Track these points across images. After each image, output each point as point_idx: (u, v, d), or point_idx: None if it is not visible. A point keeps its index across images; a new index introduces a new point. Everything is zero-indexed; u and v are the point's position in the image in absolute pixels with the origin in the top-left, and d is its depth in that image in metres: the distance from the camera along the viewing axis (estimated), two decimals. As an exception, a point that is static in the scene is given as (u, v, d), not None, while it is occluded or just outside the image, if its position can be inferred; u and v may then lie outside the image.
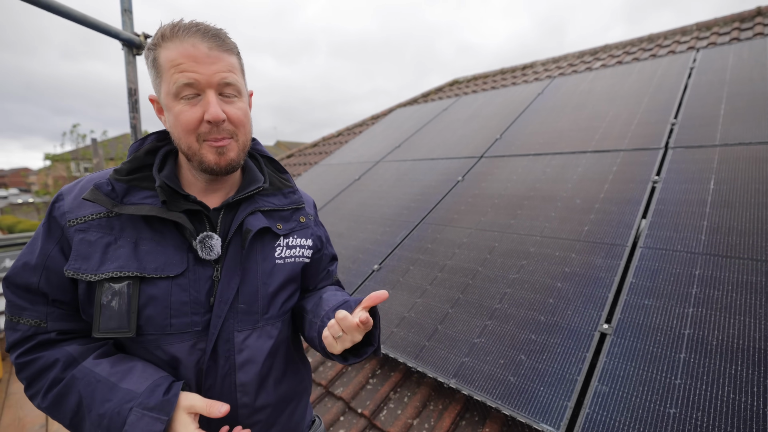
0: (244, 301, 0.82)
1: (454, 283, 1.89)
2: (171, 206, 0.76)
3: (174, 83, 0.71)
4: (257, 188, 0.86)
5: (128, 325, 0.72)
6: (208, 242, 0.77)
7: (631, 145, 2.33)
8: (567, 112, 3.09)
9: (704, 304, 1.32)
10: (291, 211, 0.94)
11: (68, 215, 0.74)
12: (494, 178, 2.64)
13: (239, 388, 0.82)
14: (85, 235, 0.73)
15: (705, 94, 2.50)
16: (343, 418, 1.65)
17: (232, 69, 0.76)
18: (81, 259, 0.72)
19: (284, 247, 0.90)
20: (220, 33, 0.75)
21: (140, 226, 0.76)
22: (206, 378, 0.79)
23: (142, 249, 0.74)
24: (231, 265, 0.80)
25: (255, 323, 0.84)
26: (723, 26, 3.66)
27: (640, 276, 1.51)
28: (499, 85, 4.97)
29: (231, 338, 0.80)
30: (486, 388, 1.37)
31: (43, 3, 1.48)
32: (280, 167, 0.99)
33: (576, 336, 1.40)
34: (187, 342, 0.77)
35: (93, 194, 0.73)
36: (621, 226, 1.78)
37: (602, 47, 4.49)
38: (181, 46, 0.70)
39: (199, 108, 0.73)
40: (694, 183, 1.84)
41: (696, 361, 1.18)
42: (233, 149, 0.78)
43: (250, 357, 0.83)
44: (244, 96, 0.81)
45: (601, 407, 1.17)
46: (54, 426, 2.63)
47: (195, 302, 0.77)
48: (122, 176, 0.77)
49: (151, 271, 0.74)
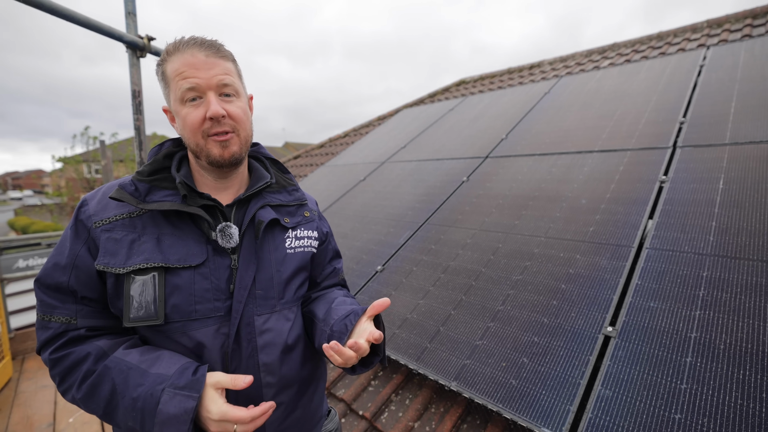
0: (261, 287, 0.88)
1: (457, 285, 1.88)
2: (189, 202, 0.84)
3: (179, 89, 0.80)
4: (266, 183, 0.95)
5: (156, 313, 0.78)
6: (228, 231, 0.84)
7: (638, 144, 2.29)
8: (574, 111, 3.06)
9: (712, 307, 1.29)
10: (296, 207, 1.02)
11: (94, 218, 0.80)
12: (499, 178, 2.61)
13: (262, 368, 0.87)
14: (111, 234, 0.79)
15: (715, 92, 2.44)
16: (344, 420, 1.64)
17: (228, 72, 0.84)
18: (109, 255, 0.78)
19: (293, 239, 0.98)
20: (215, 43, 0.84)
21: (161, 223, 0.82)
22: (231, 360, 0.84)
23: (165, 243, 0.81)
24: (247, 255, 0.87)
25: (273, 307, 0.90)
26: (735, 23, 3.59)
27: (646, 278, 1.47)
28: (506, 84, 4.93)
29: (252, 321, 0.86)
30: (487, 392, 1.35)
31: (47, 6, 1.50)
32: (283, 168, 1.08)
33: (579, 339, 1.37)
34: (211, 327, 0.82)
35: (119, 193, 0.80)
36: (627, 226, 1.75)
37: (611, 45, 4.43)
38: (182, 57, 0.80)
39: (202, 108, 0.81)
40: (703, 183, 1.80)
41: (703, 366, 1.15)
42: (235, 143, 0.85)
43: (271, 339, 0.88)
44: (243, 97, 0.89)
45: (604, 412, 1.14)
46: (61, 425, 2.67)
47: (216, 289, 0.83)
48: (144, 177, 0.84)
49: (175, 261, 0.80)
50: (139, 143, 2.16)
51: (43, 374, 3.32)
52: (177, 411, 0.70)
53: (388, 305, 0.83)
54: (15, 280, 4.44)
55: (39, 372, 3.36)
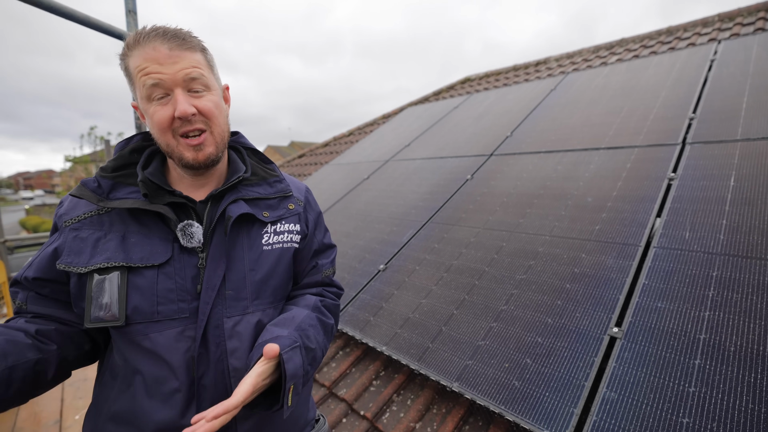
0: (231, 288, 0.83)
1: (459, 284, 1.85)
2: (155, 200, 0.80)
3: (143, 86, 0.75)
4: (237, 178, 0.89)
5: (117, 314, 0.75)
6: (189, 230, 0.80)
7: (646, 141, 2.24)
8: (580, 108, 3.01)
9: (722, 308, 1.25)
10: (278, 200, 0.96)
11: (64, 217, 0.79)
12: (504, 176, 2.58)
13: (232, 374, 0.81)
14: (78, 233, 0.78)
15: (726, 87, 2.38)
16: (345, 420, 1.63)
17: (196, 65, 0.78)
18: (73, 254, 0.76)
19: (272, 234, 0.91)
20: (180, 32, 0.77)
21: (128, 220, 0.80)
22: (198, 365, 0.79)
23: (130, 241, 0.78)
24: (216, 253, 0.82)
25: (245, 309, 0.85)
26: (747, 16, 3.50)
27: (654, 277, 1.44)
28: (511, 82, 4.88)
29: (220, 324, 0.81)
30: (489, 393, 1.33)
31: (46, 5, 1.50)
32: (265, 158, 1.02)
33: (584, 339, 1.34)
34: (174, 329, 0.78)
35: (79, 190, 0.79)
36: (634, 225, 1.71)
37: (618, 41, 4.36)
38: (144, 51, 0.74)
39: (170, 106, 0.76)
40: (713, 180, 1.75)
41: (712, 368, 1.11)
42: (210, 143, 0.81)
43: (241, 342, 0.83)
44: (215, 89, 0.83)
45: (609, 415, 1.11)
46: (68, 421, 2.69)
47: (181, 289, 0.79)
48: (108, 173, 0.81)
49: (137, 260, 0.77)
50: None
51: (50, 372, 3.36)
52: None
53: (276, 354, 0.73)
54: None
55: (47, 369, 3.40)
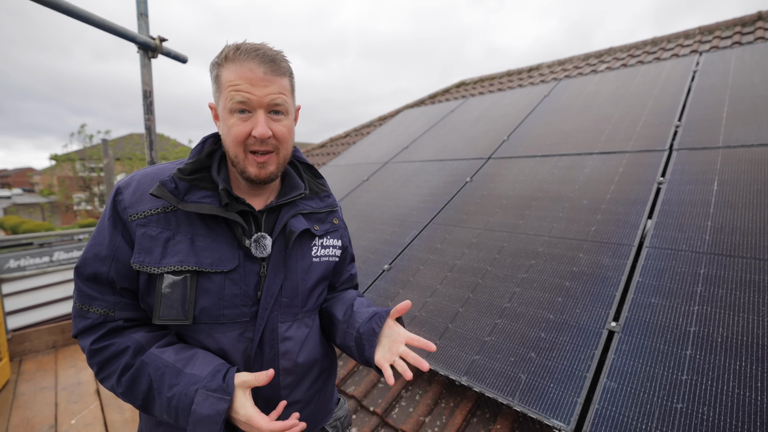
0: (287, 295, 0.91)
1: (464, 283, 1.94)
2: (228, 208, 0.84)
3: (230, 100, 0.78)
4: (299, 194, 0.95)
5: (185, 314, 0.80)
6: (262, 242, 0.86)
7: (636, 146, 2.37)
8: (573, 113, 3.13)
9: (709, 302, 1.36)
10: (326, 213, 1.03)
11: (129, 210, 0.81)
12: (502, 179, 2.68)
13: (282, 373, 0.90)
14: (147, 229, 0.80)
15: (708, 97, 2.53)
16: (355, 416, 1.68)
17: (283, 91, 0.82)
18: (144, 253, 0.79)
19: (319, 247, 0.99)
20: (277, 57, 0.81)
21: (196, 223, 0.83)
22: (253, 364, 0.87)
23: (198, 245, 0.82)
24: (276, 263, 0.89)
25: (295, 315, 0.93)
26: (725, 30, 3.70)
27: (647, 275, 1.55)
28: (505, 86, 5.01)
29: (275, 328, 0.89)
30: (497, 386, 1.41)
31: (64, 8, 1.52)
32: (317, 173, 1.07)
33: (585, 334, 1.44)
34: (235, 331, 0.85)
35: (159, 190, 0.80)
36: (627, 226, 1.82)
37: (607, 50, 4.53)
38: (240, 69, 0.78)
39: (249, 124, 0.80)
40: (699, 184, 1.88)
41: (702, 358, 1.22)
42: (273, 163, 0.85)
43: (291, 346, 0.92)
44: (291, 114, 0.88)
45: (610, 403, 1.21)
46: (63, 426, 2.65)
47: (245, 295, 0.85)
48: (185, 176, 0.84)
49: (208, 266, 0.82)
50: (149, 143, 2.19)
51: (41, 376, 3.27)
52: (210, 412, 0.74)
53: (410, 307, 0.88)
54: (11, 281, 4.40)
55: (37, 374, 3.31)
